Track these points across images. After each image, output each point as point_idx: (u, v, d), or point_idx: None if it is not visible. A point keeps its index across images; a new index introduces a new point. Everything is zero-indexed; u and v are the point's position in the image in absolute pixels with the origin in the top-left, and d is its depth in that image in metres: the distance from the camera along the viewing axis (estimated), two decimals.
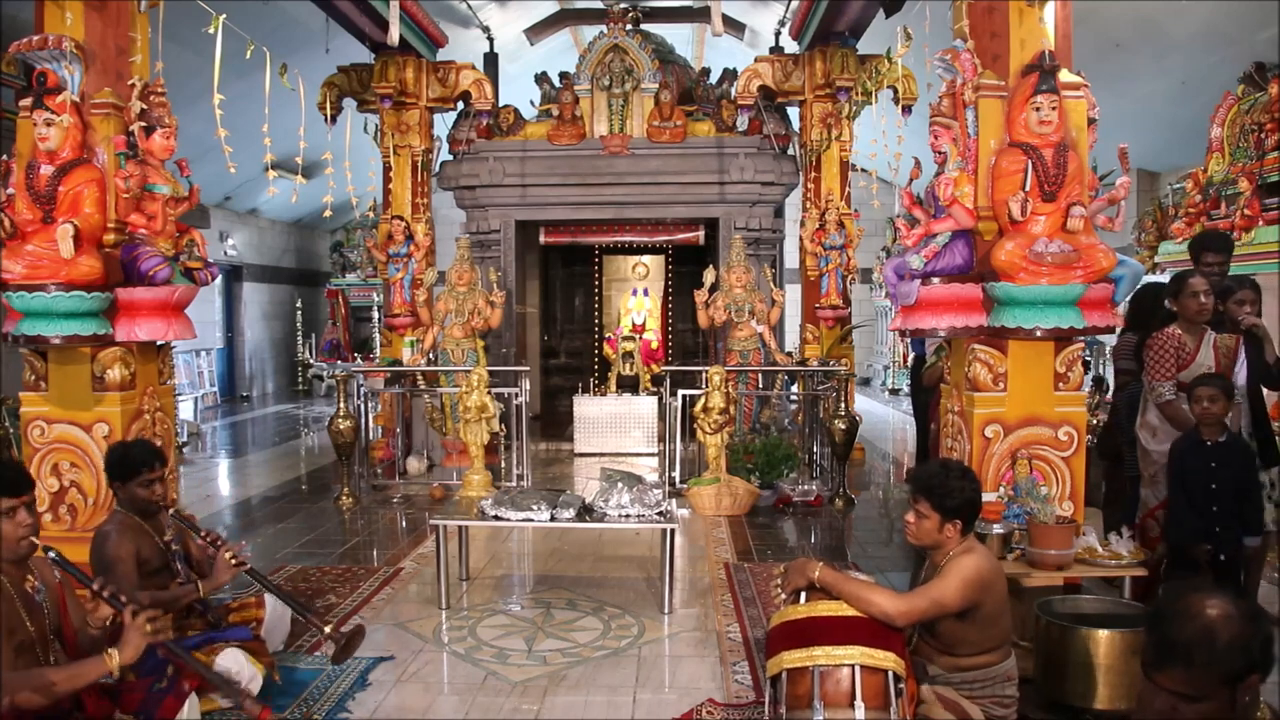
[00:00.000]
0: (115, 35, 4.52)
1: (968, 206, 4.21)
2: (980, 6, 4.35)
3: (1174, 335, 4.25)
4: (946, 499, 2.94)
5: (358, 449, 7.47)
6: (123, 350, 4.52)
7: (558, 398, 12.13)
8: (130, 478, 3.51)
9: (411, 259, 9.23)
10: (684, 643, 4.31)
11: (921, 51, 4.91)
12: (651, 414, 9.37)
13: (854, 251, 9.36)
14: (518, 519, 4.68)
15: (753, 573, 5.31)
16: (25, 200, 4.26)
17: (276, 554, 5.81)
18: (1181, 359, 4.22)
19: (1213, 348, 4.25)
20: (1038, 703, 3.31)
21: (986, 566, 2.93)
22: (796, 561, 3.07)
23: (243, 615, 3.82)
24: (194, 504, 7.23)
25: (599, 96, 9.87)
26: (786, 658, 2.82)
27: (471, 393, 6.87)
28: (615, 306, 13.22)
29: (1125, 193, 4.19)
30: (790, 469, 7.59)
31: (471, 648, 4.23)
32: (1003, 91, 4.16)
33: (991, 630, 2.95)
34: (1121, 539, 3.83)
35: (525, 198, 10.03)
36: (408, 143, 9.56)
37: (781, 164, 9.83)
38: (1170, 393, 4.23)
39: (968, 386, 4.32)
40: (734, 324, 8.38)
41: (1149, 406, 4.37)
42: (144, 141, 4.48)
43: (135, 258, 4.43)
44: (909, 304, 4.32)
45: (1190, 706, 1.75)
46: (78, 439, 4.52)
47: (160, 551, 3.59)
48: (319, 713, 3.52)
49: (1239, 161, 6.67)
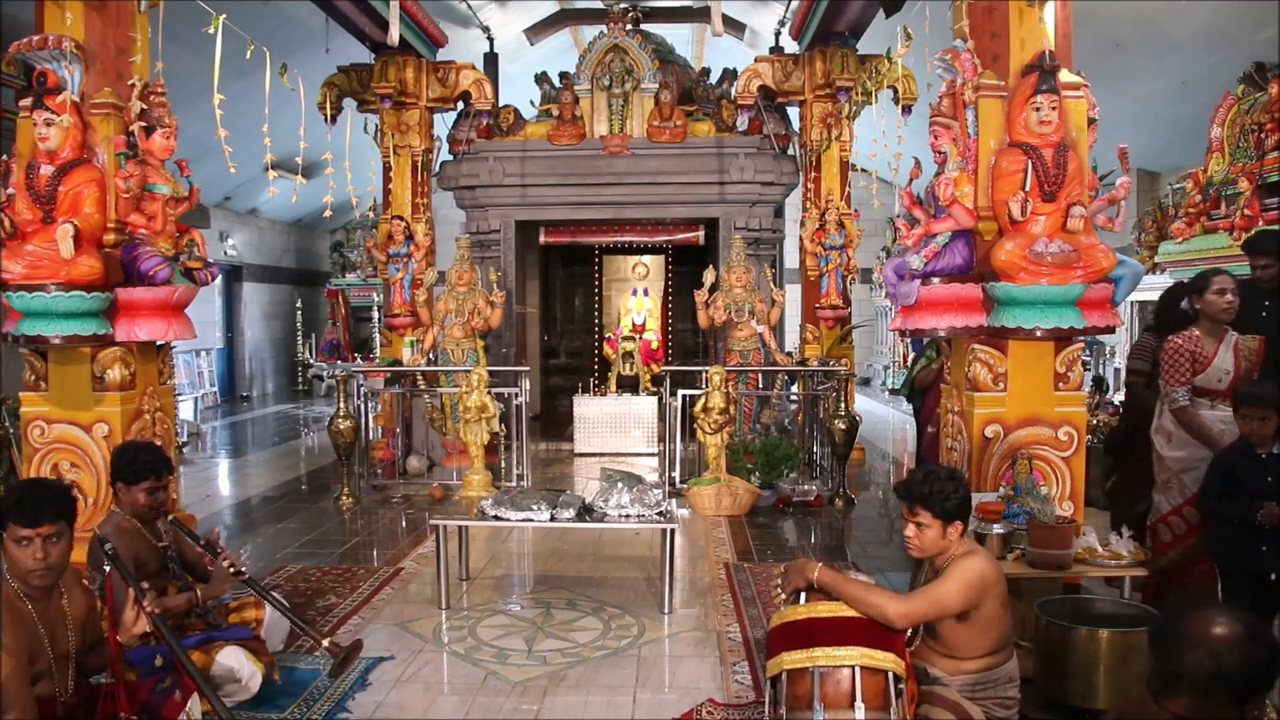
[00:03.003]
0: (115, 35, 4.52)
1: (968, 206, 4.22)
2: (980, 6, 4.35)
3: (1190, 338, 4.15)
4: (945, 503, 2.94)
5: (358, 449, 7.47)
6: (123, 350, 4.53)
7: (558, 398, 12.13)
8: (135, 483, 3.50)
9: (411, 259, 9.23)
10: (684, 643, 4.31)
11: (921, 51, 4.91)
12: (651, 414, 9.37)
13: (854, 251, 9.36)
14: (518, 519, 4.68)
15: (753, 573, 5.31)
16: (25, 200, 4.26)
17: (276, 554, 5.81)
18: (1197, 362, 4.12)
19: (1234, 350, 4.13)
20: (1038, 703, 3.31)
21: (987, 567, 2.92)
22: (796, 562, 3.07)
23: (242, 615, 3.82)
24: (194, 504, 7.22)
25: (599, 96, 9.87)
26: (786, 658, 2.82)
27: (471, 393, 6.87)
28: (615, 306, 13.22)
29: (1125, 193, 4.19)
30: (790, 469, 7.58)
31: (471, 648, 4.23)
32: (1003, 91, 4.16)
33: (992, 632, 2.95)
34: (1122, 539, 3.83)
35: (525, 198, 10.03)
36: (408, 143, 9.56)
37: (781, 164, 9.83)
38: (1184, 398, 4.14)
39: (968, 386, 4.32)
40: (734, 324, 8.38)
41: (1164, 411, 4.26)
42: (144, 141, 4.49)
43: (135, 258, 4.44)
44: (909, 304, 4.33)
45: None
46: (78, 439, 4.52)
47: (158, 554, 3.58)
48: (319, 713, 3.52)
49: (1239, 161, 6.67)
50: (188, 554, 3.76)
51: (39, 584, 2.66)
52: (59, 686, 2.72)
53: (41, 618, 2.67)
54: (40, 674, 2.64)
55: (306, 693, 3.68)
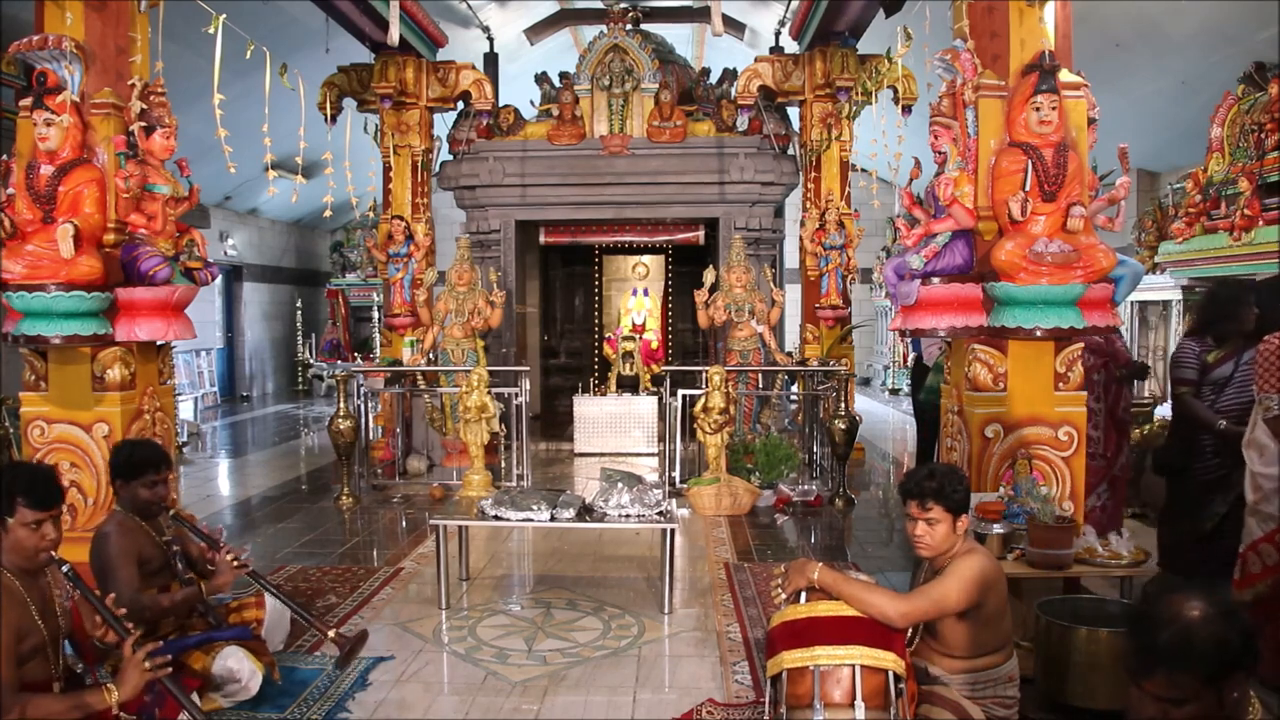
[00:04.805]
0: (115, 35, 4.53)
1: (968, 206, 4.22)
2: (980, 6, 4.35)
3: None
4: (954, 494, 2.95)
5: (358, 449, 7.47)
6: (123, 350, 4.53)
7: (558, 398, 12.13)
8: (134, 478, 3.51)
9: (411, 259, 9.23)
10: (684, 643, 4.31)
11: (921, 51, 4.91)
12: (651, 414, 9.37)
13: (854, 251, 9.36)
14: (518, 519, 4.68)
15: (753, 573, 5.31)
16: (25, 200, 4.26)
17: (276, 554, 5.81)
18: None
19: None
20: (1038, 703, 3.30)
21: (988, 566, 2.92)
22: (796, 562, 3.07)
23: (243, 615, 3.82)
24: (194, 504, 7.23)
25: (599, 96, 9.87)
26: (787, 658, 2.82)
27: (471, 393, 6.87)
28: (615, 306, 13.22)
29: (1125, 193, 4.19)
30: (790, 469, 7.59)
31: (471, 648, 4.23)
32: (1003, 91, 4.16)
33: (993, 631, 2.95)
34: (1122, 539, 3.83)
35: (525, 198, 10.03)
36: (408, 143, 9.56)
37: (781, 164, 9.83)
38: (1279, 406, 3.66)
39: (968, 386, 4.32)
40: (734, 324, 8.38)
41: (1257, 423, 3.74)
42: (144, 141, 4.49)
43: (135, 258, 4.44)
44: (909, 304, 4.33)
45: (1179, 710, 1.75)
46: (78, 439, 4.52)
47: (160, 551, 3.58)
48: (319, 713, 3.52)
49: (1239, 161, 6.68)
50: (190, 550, 3.77)
51: (44, 564, 2.74)
52: (52, 667, 2.74)
53: (31, 596, 2.70)
54: (33, 652, 2.66)
55: (307, 693, 3.68)
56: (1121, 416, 5.14)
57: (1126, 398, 5.17)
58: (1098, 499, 5.03)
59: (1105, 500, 5.06)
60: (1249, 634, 1.76)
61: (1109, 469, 5.07)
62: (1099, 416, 5.02)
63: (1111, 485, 5.09)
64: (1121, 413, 5.13)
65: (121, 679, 2.66)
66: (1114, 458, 5.09)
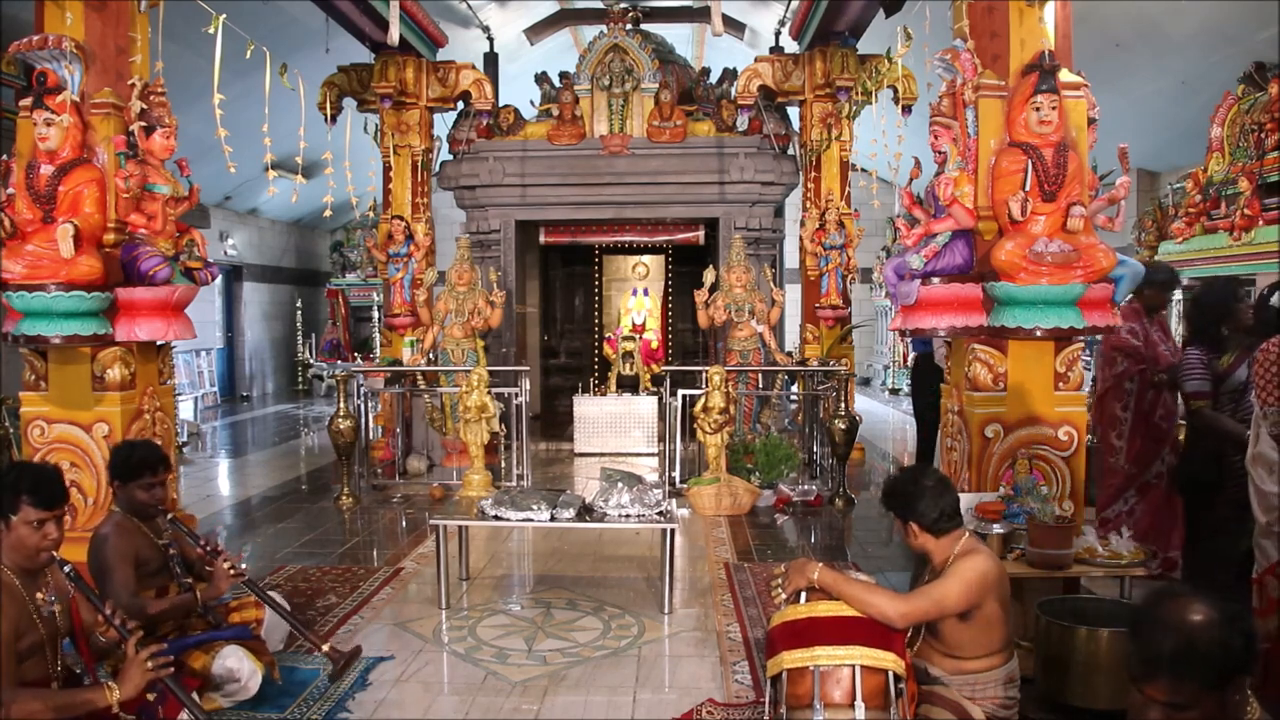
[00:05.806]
0: (115, 35, 4.53)
1: (968, 206, 4.22)
2: (980, 6, 4.35)
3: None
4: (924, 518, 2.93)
5: (358, 449, 7.47)
6: (123, 350, 4.53)
7: (558, 398, 12.12)
8: (132, 480, 3.50)
9: (411, 259, 9.24)
10: (684, 643, 4.31)
11: (921, 51, 4.91)
12: (651, 414, 9.37)
13: (854, 251, 9.37)
14: (518, 519, 4.68)
15: (753, 573, 5.31)
16: (25, 200, 4.26)
17: (276, 554, 5.81)
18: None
19: None
20: (1038, 703, 3.30)
21: (989, 567, 2.92)
22: (796, 562, 3.07)
23: (243, 615, 3.82)
24: (194, 504, 7.23)
25: (599, 96, 9.87)
26: (787, 658, 2.82)
27: (471, 393, 6.87)
28: (615, 306, 13.22)
29: (1125, 193, 4.19)
30: (790, 469, 7.59)
31: (471, 648, 4.23)
32: (1003, 91, 4.16)
33: (994, 631, 2.94)
34: (1121, 539, 3.83)
35: (525, 198, 10.03)
36: (408, 143, 9.56)
37: (781, 164, 9.83)
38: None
39: (968, 386, 4.32)
40: (734, 324, 8.38)
41: (1262, 436, 3.49)
42: (144, 141, 4.49)
43: (135, 258, 4.44)
44: (909, 304, 4.33)
45: (1182, 715, 1.74)
46: (78, 439, 4.52)
47: (159, 552, 3.58)
48: (319, 712, 3.52)
49: (1239, 161, 6.68)
50: (188, 553, 3.76)
51: (45, 564, 2.74)
52: (50, 666, 2.74)
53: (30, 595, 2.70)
54: (31, 650, 2.66)
55: (306, 692, 3.68)
56: (1157, 423, 4.89)
57: (1166, 404, 4.89)
58: (1124, 503, 4.96)
59: (1134, 504, 4.94)
60: (1251, 637, 1.75)
61: (1139, 475, 4.90)
62: (1124, 425, 4.89)
63: (1141, 492, 4.92)
64: (1158, 419, 4.89)
65: (124, 678, 2.66)
66: (1145, 465, 4.90)
